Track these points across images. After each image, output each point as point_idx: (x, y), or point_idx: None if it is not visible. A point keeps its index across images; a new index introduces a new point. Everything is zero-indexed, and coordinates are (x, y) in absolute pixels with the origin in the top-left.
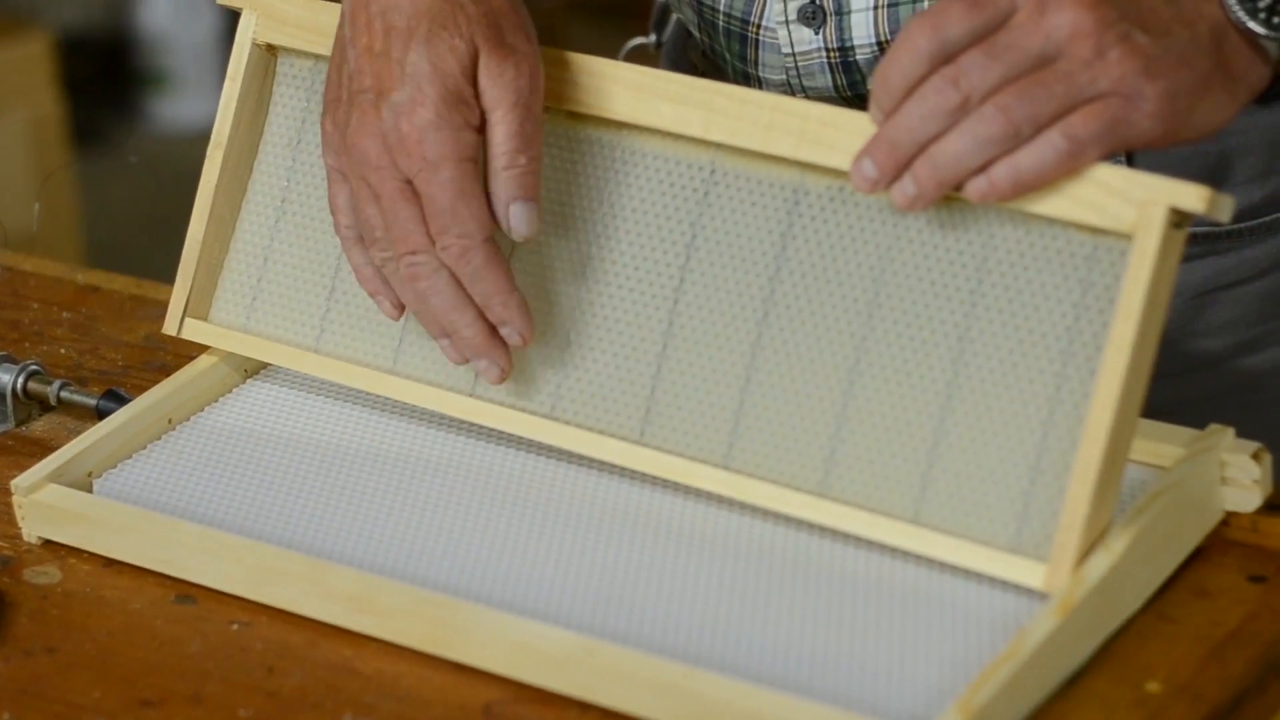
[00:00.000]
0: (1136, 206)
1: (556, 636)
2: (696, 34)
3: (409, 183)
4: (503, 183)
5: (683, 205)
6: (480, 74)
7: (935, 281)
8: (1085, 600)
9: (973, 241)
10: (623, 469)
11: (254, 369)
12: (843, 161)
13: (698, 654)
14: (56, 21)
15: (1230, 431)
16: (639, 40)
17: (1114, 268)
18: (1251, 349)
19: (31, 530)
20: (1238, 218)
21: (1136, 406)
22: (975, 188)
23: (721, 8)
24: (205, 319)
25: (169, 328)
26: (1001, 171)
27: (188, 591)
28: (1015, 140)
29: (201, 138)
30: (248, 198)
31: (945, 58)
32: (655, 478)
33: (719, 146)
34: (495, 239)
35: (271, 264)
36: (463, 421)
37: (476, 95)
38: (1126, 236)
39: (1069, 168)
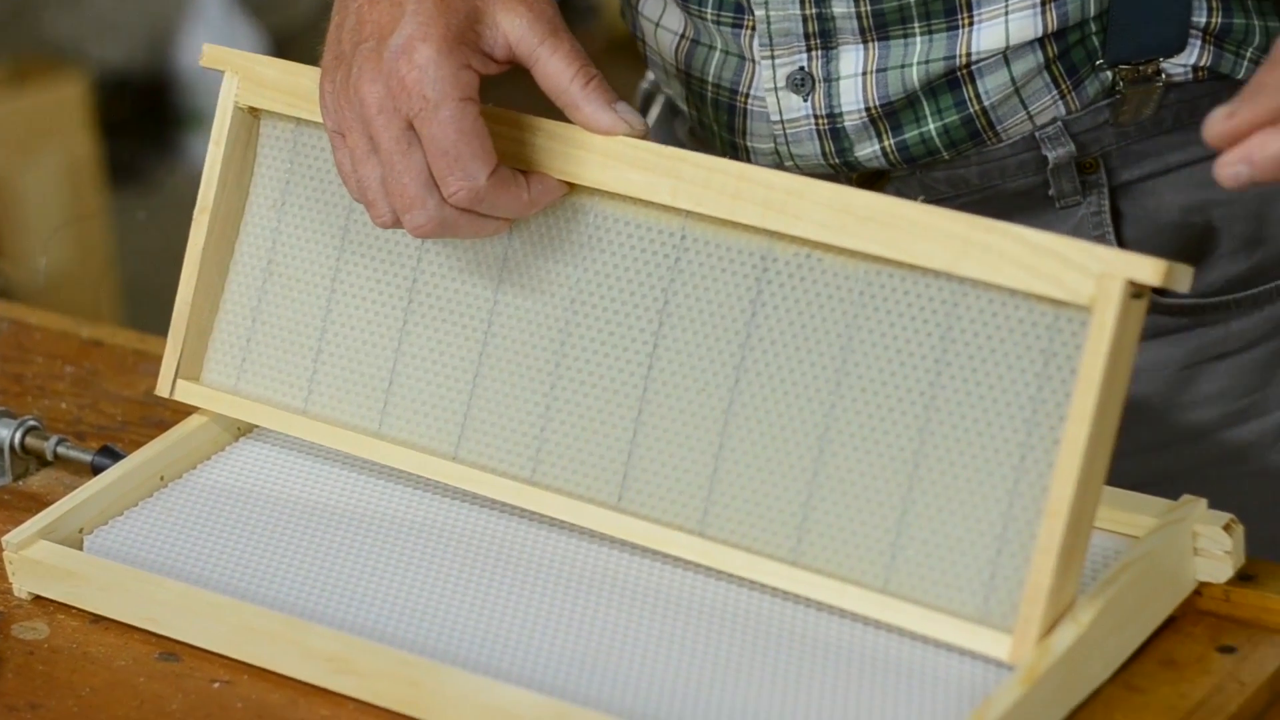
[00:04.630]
0: (1094, 279)
1: (529, 701)
2: (684, 107)
3: (410, 128)
4: (591, 97)
5: (655, 271)
6: (501, 20)
7: (901, 350)
8: (1050, 671)
9: (937, 310)
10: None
11: (246, 428)
12: (808, 230)
13: (669, 718)
14: (96, 62)
15: (1203, 502)
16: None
17: (1075, 339)
18: (1239, 420)
19: (21, 586)
20: (1224, 289)
21: (1101, 476)
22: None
23: (710, 79)
24: (197, 380)
25: (161, 390)
26: None
27: (171, 649)
28: None
29: None
30: (235, 260)
31: None
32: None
33: (688, 214)
34: (503, 168)
35: (259, 325)
36: (445, 485)
37: (478, 41)
38: (1086, 309)
39: None
